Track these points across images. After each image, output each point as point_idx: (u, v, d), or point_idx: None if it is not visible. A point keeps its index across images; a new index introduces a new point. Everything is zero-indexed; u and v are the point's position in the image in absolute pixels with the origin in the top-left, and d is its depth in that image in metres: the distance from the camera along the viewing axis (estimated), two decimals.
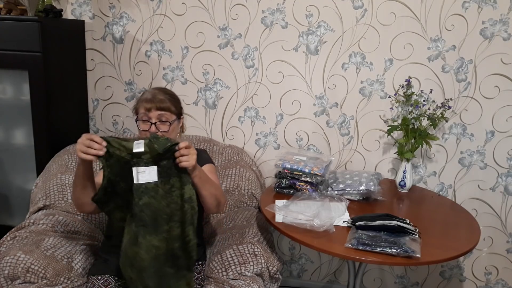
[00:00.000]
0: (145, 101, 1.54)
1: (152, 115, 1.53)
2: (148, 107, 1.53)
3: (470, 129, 2.07)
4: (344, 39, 2.04)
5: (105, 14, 2.17)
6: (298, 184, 1.84)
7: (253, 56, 2.12)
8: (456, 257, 1.45)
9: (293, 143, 2.22)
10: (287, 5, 2.03)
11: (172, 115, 1.57)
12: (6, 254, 1.45)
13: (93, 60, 2.24)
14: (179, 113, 1.62)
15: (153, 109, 1.53)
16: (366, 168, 2.20)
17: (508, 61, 1.96)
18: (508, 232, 2.17)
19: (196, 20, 2.12)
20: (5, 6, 1.98)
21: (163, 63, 2.20)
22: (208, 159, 1.70)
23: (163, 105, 1.54)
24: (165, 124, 1.55)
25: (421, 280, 2.32)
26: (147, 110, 1.53)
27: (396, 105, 2.08)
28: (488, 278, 2.26)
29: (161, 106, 1.54)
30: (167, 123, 1.55)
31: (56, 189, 1.82)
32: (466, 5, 1.92)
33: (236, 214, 1.84)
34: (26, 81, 1.90)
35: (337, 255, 1.42)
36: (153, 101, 1.53)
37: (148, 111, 1.53)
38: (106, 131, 2.33)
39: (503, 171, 2.09)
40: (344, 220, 1.62)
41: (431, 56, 2.00)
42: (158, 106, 1.53)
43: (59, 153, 1.98)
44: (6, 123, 2.03)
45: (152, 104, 1.53)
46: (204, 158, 1.68)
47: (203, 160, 1.66)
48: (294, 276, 2.43)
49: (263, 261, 1.52)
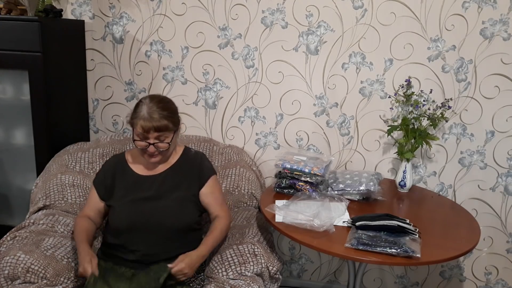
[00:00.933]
0: (142, 120, 1.46)
1: (150, 136, 1.47)
2: (145, 128, 1.46)
3: (470, 129, 2.07)
4: (344, 39, 2.04)
5: (105, 14, 2.17)
6: (298, 184, 1.84)
7: (253, 56, 2.12)
8: (456, 257, 1.45)
9: (293, 143, 2.22)
10: (287, 5, 2.03)
11: (171, 133, 1.52)
12: (6, 254, 1.45)
13: (93, 60, 2.24)
14: (177, 125, 1.57)
15: (151, 130, 1.46)
16: (366, 168, 2.20)
17: (508, 61, 1.96)
18: (508, 232, 2.17)
19: (196, 20, 2.12)
20: (5, 6, 1.98)
21: (163, 63, 2.20)
22: (210, 169, 1.68)
23: (161, 125, 1.47)
24: (164, 143, 1.52)
25: (421, 280, 2.32)
26: (145, 131, 1.46)
27: (396, 105, 2.08)
28: (488, 278, 2.26)
29: (159, 127, 1.47)
30: (166, 143, 1.52)
31: (56, 189, 1.82)
32: (466, 5, 1.92)
33: (236, 214, 1.84)
34: (26, 81, 1.90)
35: (337, 255, 1.42)
36: (150, 121, 1.45)
37: (146, 132, 1.46)
38: (106, 131, 2.33)
39: (503, 171, 2.09)
40: (344, 220, 1.62)
41: (431, 56, 2.00)
42: (156, 127, 1.46)
43: (59, 153, 1.98)
44: (6, 123, 2.03)
45: (150, 124, 1.45)
46: (206, 169, 1.66)
47: (205, 172, 1.65)
48: (294, 276, 2.43)
49: (263, 261, 1.52)
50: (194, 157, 1.68)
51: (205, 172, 1.64)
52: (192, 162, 1.66)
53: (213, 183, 1.64)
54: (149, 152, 1.51)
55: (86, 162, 1.95)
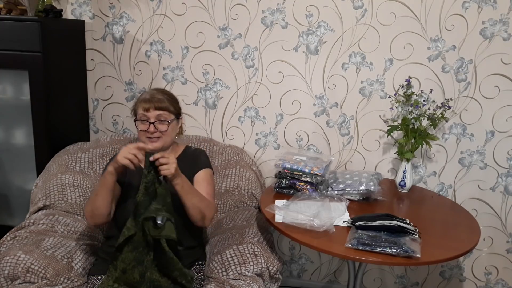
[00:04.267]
0: (144, 101, 1.55)
1: (150, 115, 1.54)
2: (146, 107, 1.54)
3: (470, 129, 2.07)
4: (344, 39, 2.04)
5: (105, 14, 2.17)
6: (298, 184, 1.84)
7: (253, 56, 2.12)
8: (456, 257, 1.45)
9: (293, 143, 2.22)
10: (287, 5, 2.03)
11: (171, 115, 1.58)
12: (6, 254, 1.45)
13: (93, 60, 2.24)
14: (177, 113, 1.63)
15: (152, 108, 1.54)
16: (366, 168, 2.20)
17: (508, 61, 1.96)
18: (508, 232, 2.17)
19: (196, 20, 2.12)
20: (5, 6, 1.98)
21: (163, 63, 2.20)
22: (206, 162, 1.69)
23: (161, 105, 1.55)
24: (164, 123, 1.55)
25: (421, 280, 2.32)
26: (146, 110, 1.54)
27: (396, 105, 2.08)
28: (488, 278, 2.26)
29: (160, 106, 1.54)
30: (165, 122, 1.55)
31: (56, 189, 1.82)
32: (466, 5, 1.92)
33: (236, 214, 1.84)
34: (26, 81, 1.90)
35: (337, 255, 1.42)
36: (151, 101, 1.54)
37: (147, 111, 1.54)
38: (106, 131, 2.33)
39: (503, 171, 2.09)
40: (344, 220, 1.62)
41: (431, 56, 2.00)
42: (157, 106, 1.54)
43: (59, 153, 1.98)
44: (6, 123, 2.03)
45: (151, 104, 1.54)
46: (201, 162, 1.68)
47: (200, 164, 1.66)
48: (294, 276, 2.43)
49: (263, 261, 1.52)
50: (193, 152, 1.72)
51: (200, 164, 1.66)
52: (191, 156, 1.69)
53: (206, 174, 1.65)
54: (149, 134, 1.54)
55: (86, 162, 1.95)
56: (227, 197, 1.92)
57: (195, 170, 1.63)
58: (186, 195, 1.45)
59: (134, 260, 1.40)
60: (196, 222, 1.52)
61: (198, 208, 1.48)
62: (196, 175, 1.62)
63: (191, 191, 1.48)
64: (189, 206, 1.47)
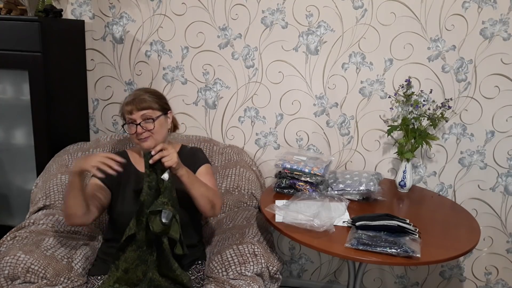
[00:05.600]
0: (126, 104, 1.54)
1: (135, 117, 1.52)
2: (129, 109, 1.53)
3: (470, 129, 2.07)
4: (344, 39, 2.04)
5: (105, 14, 2.17)
6: (298, 184, 1.84)
7: (253, 56, 2.12)
8: (456, 257, 1.45)
9: (293, 143, 2.22)
10: (287, 5, 2.03)
11: (156, 112, 1.56)
12: (6, 254, 1.45)
13: (93, 60, 2.24)
14: (163, 108, 1.60)
15: (134, 110, 1.52)
16: (366, 168, 2.20)
17: (508, 61, 1.96)
18: (508, 232, 2.17)
19: (196, 20, 2.12)
20: (5, 6, 1.98)
21: (163, 63, 2.20)
22: (204, 158, 1.70)
23: (143, 105, 1.53)
24: (149, 122, 1.53)
25: (421, 280, 2.32)
26: (129, 113, 1.53)
27: (396, 105, 2.08)
28: (488, 278, 2.26)
29: (142, 106, 1.53)
30: (150, 121, 1.54)
31: (56, 189, 1.82)
32: (466, 5, 1.92)
33: (236, 214, 1.84)
34: (26, 81, 1.90)
35: (337, 255, 1.42)
36: (133, 103, 1.53)
37: (130, 113, 1.53)
38: (106, 131, 2.33)
39: (503, 171, 2.09)
40: (344, 220, 1.62)
41: (431, 56, 2.00)
42: (139, 107, 1.52)
43: (59, 153, 1.98)
44: (6, 123, 2.03)
45: (133, 106, 1.52)
46: (200, 158, 1.68)
47: (199, 160, 1.66)
48: (294, 276, 2.43)
49: (263, 261, 1.52)
50: (190, 150, 1.71)
51: (199, 160, 1.66)
52: (188, 154, 1.68)
53: (207, 169, 1.65)
54: (138, 135, 1.53)
55: None
56: (227, 197, 1.92)
57: (195, 167, 1.63)
58: (193, 185, 1.44)
59: (138, 259, 1.40)
60: (206, 212, 1.50)
61: (207, 197, 1.47)
62: (197, 171, 1.62)
63: (197, 181, 1.47)
64: (197, 196, 1.45)
